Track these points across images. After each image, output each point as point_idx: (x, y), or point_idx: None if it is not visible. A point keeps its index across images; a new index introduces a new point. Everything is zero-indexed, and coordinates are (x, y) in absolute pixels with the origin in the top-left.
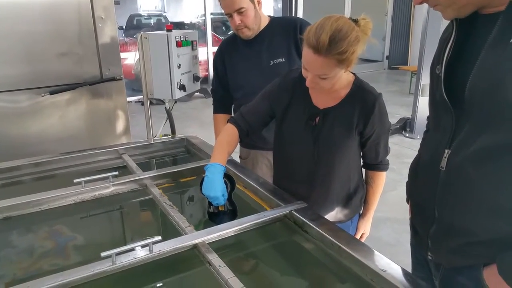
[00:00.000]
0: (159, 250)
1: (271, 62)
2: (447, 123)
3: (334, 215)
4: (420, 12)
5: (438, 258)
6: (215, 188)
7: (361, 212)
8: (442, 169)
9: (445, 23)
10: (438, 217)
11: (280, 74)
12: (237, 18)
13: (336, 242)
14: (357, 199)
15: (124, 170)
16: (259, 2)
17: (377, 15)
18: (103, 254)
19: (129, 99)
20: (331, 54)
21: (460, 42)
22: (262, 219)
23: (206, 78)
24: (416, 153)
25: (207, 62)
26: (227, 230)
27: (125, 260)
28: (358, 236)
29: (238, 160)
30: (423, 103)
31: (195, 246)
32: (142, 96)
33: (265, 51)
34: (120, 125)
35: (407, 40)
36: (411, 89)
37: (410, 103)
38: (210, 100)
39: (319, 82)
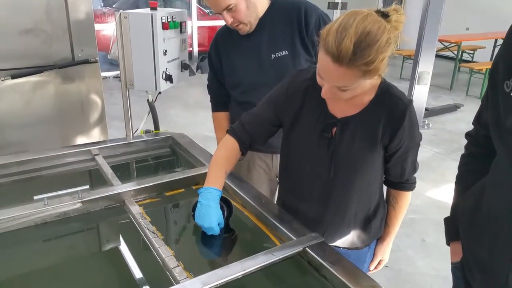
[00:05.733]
0: None
1: (272, 56)
2: None
3: (350, 240)
4: None
5: None
6: (209, 217)
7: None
8: None
9: (447, 6)
10: None
11: (283, 69)
12: (227, 17)
13: None
14: (377, 222)
15: (97, 175)
16: None
17: None
18: None
19: (106, 74)
20: (355, 65)
21: None
22: (270, 261)
23: (190, 54)
24: None
25: (191, 37)
26: (226, 278)
27: None
28: (375, 264)
29: None
30: (419, 91)
31: None
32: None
33: (265, 43)
34: (94, 114)
35: None
36: (402, 74)
37: (401, 88)
38: (194, 78)
39: (337, 93)
